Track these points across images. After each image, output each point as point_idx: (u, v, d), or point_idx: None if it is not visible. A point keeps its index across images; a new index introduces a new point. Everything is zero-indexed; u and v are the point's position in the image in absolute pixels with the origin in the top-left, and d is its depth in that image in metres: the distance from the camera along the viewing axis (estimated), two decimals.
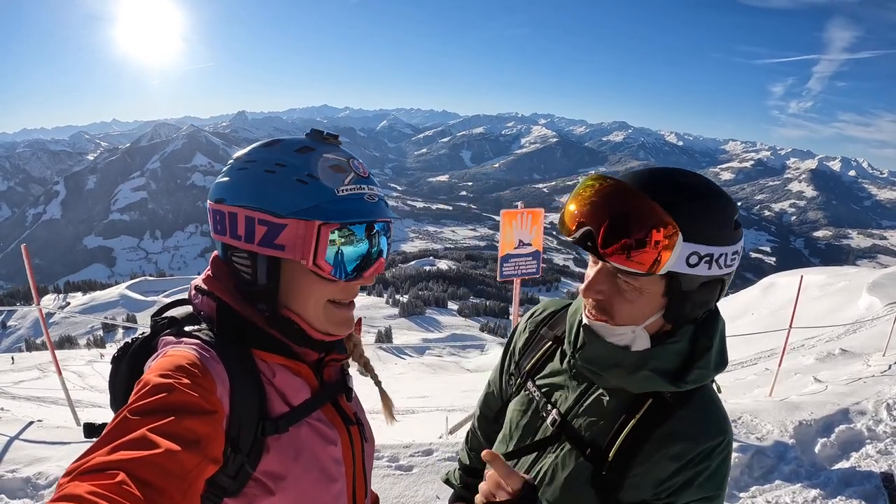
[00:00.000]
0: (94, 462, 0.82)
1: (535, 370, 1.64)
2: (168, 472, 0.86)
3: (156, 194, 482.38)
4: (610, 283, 1.31)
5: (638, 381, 1.35)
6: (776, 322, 20.36)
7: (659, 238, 1.19)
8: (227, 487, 1.13)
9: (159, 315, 1.31)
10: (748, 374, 12.34)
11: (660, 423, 1.35)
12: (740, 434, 5.76)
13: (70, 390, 7.39)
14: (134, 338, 1.28)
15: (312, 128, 1.29)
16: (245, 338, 1.20)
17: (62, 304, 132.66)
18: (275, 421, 1.16)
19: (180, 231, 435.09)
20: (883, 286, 22.18)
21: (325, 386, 1.34)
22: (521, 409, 1.62)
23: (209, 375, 1.07)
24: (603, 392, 1.44)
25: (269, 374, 1.22)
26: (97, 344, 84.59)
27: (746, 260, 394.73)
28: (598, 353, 1.38)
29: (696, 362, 1.35)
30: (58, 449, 5.15)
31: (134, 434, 0.88)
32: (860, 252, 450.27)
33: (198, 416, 0.98)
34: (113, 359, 1.27)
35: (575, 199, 1.28)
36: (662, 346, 1.35)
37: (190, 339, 1.15)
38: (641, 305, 1.31)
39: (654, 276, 1.24)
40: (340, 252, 1.17)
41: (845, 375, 8.92)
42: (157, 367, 1.05)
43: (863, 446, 5.69)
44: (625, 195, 1.22)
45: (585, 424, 1.44)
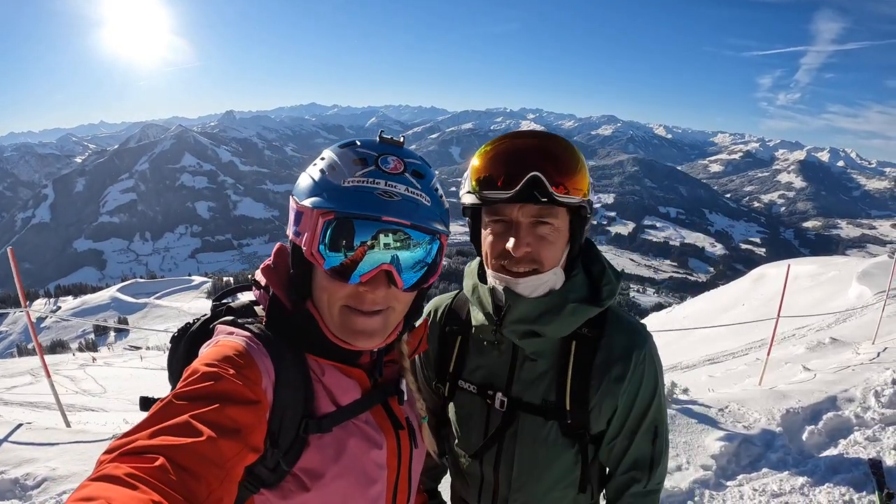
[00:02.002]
0: (137, 444, 0.83)
1: (458, 367, 1.70)
2: (207, 460, 0.86)
3: (145, 196, 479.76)
4: (532, 233, 1.43)
5: (567, 317, 1.49)
6: (767, 313, 20.38)
7: (582, 167, 1.43)
8: (266, 479, 1.14)
9: (220, 300, 1.35)
10: (739, 364, 12.36)
11: (592, 357, 1.53)
12: (727, 423, 5.78)
13: (62, 394, 7.36)
14: (194, 319, 1.30)
15: (381, 132, 1.26)
16: (294, 335, 1.20)
17: (53, 309, 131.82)
18: (319, 420, 1.16)
19: (170, 232, 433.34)
20: (872, 275, 22.23)
21: (378, 388, 1.32)
22: (463, 407, 1.69)
23: (255, 367, 1.08)
24: (530, 355, 1.56)
25: (318, 371, 1.22)
26: (89, 347, 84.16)
27: (737, 251, 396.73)
28: (527, 309, 1.49)
29: (601, 282, 1.57)
30: (46, 450, 5.13)
31: (177, 419, 0.89)
32: (849, 242, 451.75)
33: (241, 405, 0.98)
34: (172, 338, 1.30)
35: (505, 156, 1.43)
36: (569, 279, 1.54)
37: (242, 330, 1.16)
38: (560, 244, 1.48)
39: (564, 211, 1.44)
40: (336, 245, 1.13)
41: (834, 364, 8.96)
42: (206, 355, 1.07)
43: (850, 433, 5.72)
44: (553, 140, 1.44)
45: (530, 391, 1.56)
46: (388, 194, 1.13)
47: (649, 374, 1.56)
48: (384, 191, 1.12)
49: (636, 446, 1.59)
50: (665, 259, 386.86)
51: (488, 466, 1.66)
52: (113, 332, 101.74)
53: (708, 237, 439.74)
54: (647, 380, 1.56)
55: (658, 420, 1.61)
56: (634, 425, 1.58)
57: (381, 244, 1.14)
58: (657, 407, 1.60)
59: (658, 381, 1.60)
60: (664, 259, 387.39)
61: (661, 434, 1.62)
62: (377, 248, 1.14)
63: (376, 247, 1.14)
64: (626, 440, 1.59)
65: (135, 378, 31.61)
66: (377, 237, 1.14)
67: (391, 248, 1.15)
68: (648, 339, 1.59)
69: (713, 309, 27.65)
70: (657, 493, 1.66)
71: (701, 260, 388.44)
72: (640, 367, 1.54)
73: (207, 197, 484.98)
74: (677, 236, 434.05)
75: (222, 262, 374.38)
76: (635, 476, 1.61)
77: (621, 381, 1.51)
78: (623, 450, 1.60)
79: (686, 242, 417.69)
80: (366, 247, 1.13)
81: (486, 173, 1.44)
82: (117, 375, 32.18)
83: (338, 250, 1.13)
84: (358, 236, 1.12)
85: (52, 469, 4.66)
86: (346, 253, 1.13)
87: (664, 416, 1.65)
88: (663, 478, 1.68)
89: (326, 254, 1.13)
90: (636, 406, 1.56)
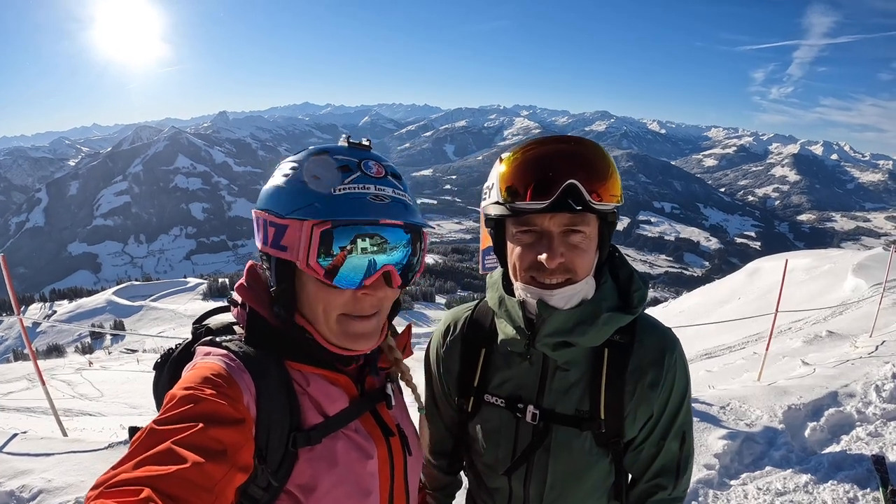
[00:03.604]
0: (120, 478, 0.82)
1: (484, 381, 1.62)
2: (194, 485, 0.86)
3: (139, 198, 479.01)
4: (564, 242, 1.35)
5: (601, 326, 1.42)
6: (763, 306, 20.42)
7: (614, 172, 1.36)
8: (259, 499, 1.12)
9: (200, 322, 1.33)
10: (736, 358, 12.34)
11: (626, 363, 1.47)
12: (729, 420, 5.75)
13: (59, 399, 7.30)
14: (176, 345, 1.30)
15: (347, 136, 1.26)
16: (276, 347, 1.18)
17: (48, 313, 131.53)
18: (307, 432, 1.14)
19: (165, 234, 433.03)
20: (868, 268, 22.26)
21: (365, 395, 1.31)
22: (490, 422, 1.61)
23: (235, 385, 1.06)
24: (562, 365, 1.49)
25: (303, 382, 1.20)
26: (86, 350, 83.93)
27: (732, 245, 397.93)
28: (561, 321, 1.41)
29: (629, 288, 1.51)
30: (42, 461, 5.05)
31: (160, 447, 0.88)
32: (844, 235, 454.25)
33: (224, 425, 0.97)
34: (155, 365, 1.30)
35: (537, 163, 1.33)
36: (599, 287, 1.47)
37: (219, 349, 1.15)
38: (591, 251, 1.40)
39: (594, 218, 1.37)
40: (336, 254, 1.12)
41: (833, 358, 8.93)
42: (184, 379, 1.06)
43: (853, 429, 5.68)
44: (584, 145, 1.36)
45: (562, 402, 1.50)
46: (379, 198, 1.13)
47: (680, 378, 1.52)
48: (375, 195, 1.13)
49: (664, 452, 1.54)
50: (660, 254, 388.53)
51: (517, 481, 1.58)
52: (109, 336, 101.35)
53: (703, 231, 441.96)
54: (678, 383, 1.52)
55: (686, 425, 1.56)
56: (664, 431, 1.53)
57: (379, 247, 1.15)
58: (686, 411, 1.56)
59: (688, 384, 1.56)
60: (659, 254, 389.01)
61: (689, 439, 1.58)
62: (377, 251, 1.15)
63: (375, 250, 1.15)
64: (653, 447, 1.54)
65: (131, 381, 31.54)
66: (375, 240, 1.14)
67: (388, 249, 1.16)
68: (677, 341, 1.55)
69: (709, 303, 27.62)
70: (681, 500, 1.61)
71: (696, 254, 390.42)
72: (672, 370, 1.50)
73: (202, 198, 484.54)
74: (672, 231, 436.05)
75: (217, 264, 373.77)
76: (661, 483, 1.56)
77: (656, 387, 1.48)
78: (651, 456, 1.55)
79: (681, 237, 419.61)
80: (365, 252, 1.13)
81: (516, 182, 1.34)
82: (114, 379, 32.16)
83: (338, 259, 1.12)
84: (358, 242, 1.12)
85: (48, 480, 4.58)
86: (346, 260, 1.12)
87: (691, 420, 1.60)
88: (688, 485, 1.63)
89: (325, 263, 1.11)
90: (667, 410, 1.52)
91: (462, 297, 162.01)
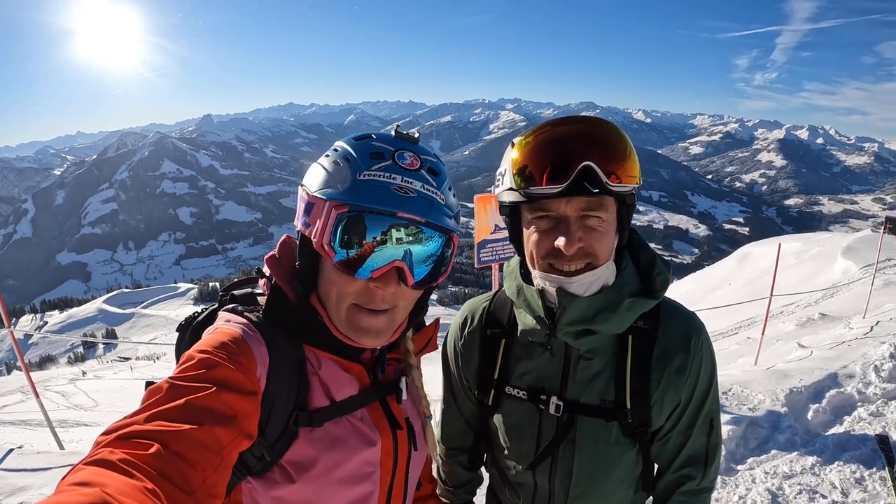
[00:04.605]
0: (133, 429, 0.83)
1: (504, 373, 1.57)
2: (202, 446, 0.87)
3: (126, 205, 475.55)
4: (582, 227, 1.30)
5: (624, 312, 1.37)
6: (754, 291, 20.55)
7: (632, 152, 1.30)
8: (253, 467, 1.13)
9: (227, 291, 1.33)
10: (730, 343, 12.38)
11: (651, 349, 1.42)
12: (732, 406, 5.75)
13: (54, 411, 7.22)
14: (202, 308, 1.32)
15: (396, 126, 1.23)
16: (289, 326, 1.18)
17: (40, 324, 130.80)
18: (310, 413, 1.15)
19: (153, 240, 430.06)
20: (857, 250, 22.48)
21: (377, 385, 1.29)
22: (512, 415, 1.56)
23: (250, 354, 1.07)
24: (585, 354, 1.43)
25: (315, 364, 1.20)
26: (78, 360, 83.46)
27: (720, 232, 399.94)
28: (582, 309, 1.36)
29: (652, 272, 1.45)
30: (39, 476, 5.00)
31: (173, 403, 0.89)
32: (832, 218, 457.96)
33: (236, 392, 0.98)
34: (179, 327, 1.31)
35: (550, 146, 1.28)
36: (620, 272, 1.41)
37: (240, 317, 1.16)
38: (611, 234, 1.34)
39: (612, 200, 1.31)
40: (348, 239, 1.10)
41: (828, 339, 9.00)
42: (203, 342, 1.06)
43: (854, 409, 5.72)
44: (599, 125, 1.29)
45: (587, 392, 1.45)
46: (405, 190, 1.10)
47: (707, 362, 1.47)
48: (400, 186, 1.10)
49: (692, 441, 1.49)
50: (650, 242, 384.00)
51: (542, 475, 1.53)
52: (101, 345, 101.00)
53: (691, 219, 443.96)
54: (704, 369, 1.46)
55: (714, 411, 1.51)
56: (692, 419, 1.48)
57: (393, 240, 1.11)
58: (713, 398, 1.50)
59: (714, 369, 1.50)
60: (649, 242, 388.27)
61: (717, 427, 1.52)
62: (390, 243, 1.11)
63: (389, 242, 1.11)
64: (681, 435, 1.49)
65: (126, 389, 31.31)
66: (390, 233, 1.11)
67: (403, 244, 1.12)
68: (703, 325, 1.49)
69: (700, 290, 27.72)
70: (710, 492, 1.56)
71: (685, 242, 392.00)
72: (699, 355, 1.44)
73: (189, 203, 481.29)
74: (661, 219, 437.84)
75: (207, 268, 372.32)
76: (689, 473, 1.51)
77: (683, 373, 1.42)
78: (678, 445, 1.50)
79: (670, 225, 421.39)
80: (377, 242, 1.10)
81: (529, 167, 1.29)
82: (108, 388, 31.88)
83: (349, 244, 1.10)
84: (370, 231, 1.09)
85: (45, 496, 4.53)
86: (357, 247, 1.10)
87: (719, 407, 1.54)
88: (717, 474, 1.57)
89: (337, 247, 1.10)
90: (694, 397, 1.46)
91: (454, 292, 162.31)
